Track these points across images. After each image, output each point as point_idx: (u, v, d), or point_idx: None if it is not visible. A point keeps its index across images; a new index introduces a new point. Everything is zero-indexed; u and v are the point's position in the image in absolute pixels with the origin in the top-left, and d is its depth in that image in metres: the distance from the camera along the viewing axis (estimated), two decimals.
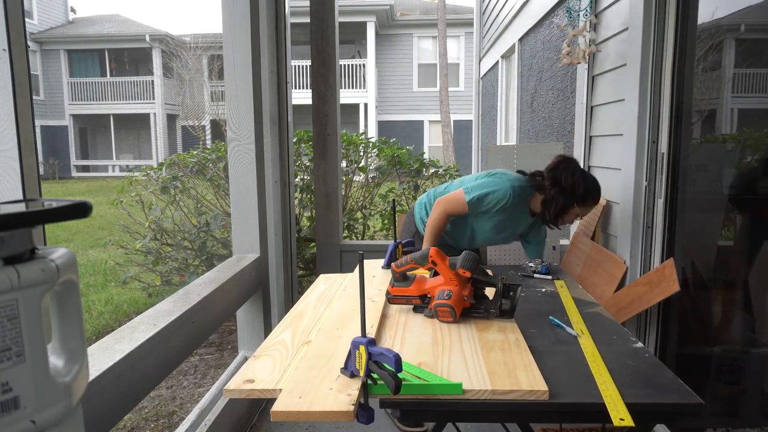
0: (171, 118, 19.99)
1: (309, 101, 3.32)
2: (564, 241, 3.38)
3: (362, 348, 1.08)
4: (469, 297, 1.49)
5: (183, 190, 4.10)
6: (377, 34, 17.38)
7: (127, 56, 20.53)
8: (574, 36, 2.95)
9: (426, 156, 4.62)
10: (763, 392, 1.91)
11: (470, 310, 1.51)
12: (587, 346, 1.37)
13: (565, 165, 2.10)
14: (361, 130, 14.91)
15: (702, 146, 2.28)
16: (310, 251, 3.85)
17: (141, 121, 20.06)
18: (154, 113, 19.37)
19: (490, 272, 1.92)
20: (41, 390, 0.58)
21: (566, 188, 2.06)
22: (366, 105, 16.96)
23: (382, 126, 17.94)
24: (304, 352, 1.29)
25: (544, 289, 1.91)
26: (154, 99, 19.35)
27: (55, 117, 19.73)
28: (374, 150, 4.36)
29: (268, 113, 2.72)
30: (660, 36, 2.23)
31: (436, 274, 1.57)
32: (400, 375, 1.03)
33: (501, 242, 2.32)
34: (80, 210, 0.60)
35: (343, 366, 1.15)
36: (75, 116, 19.94)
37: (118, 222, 4.61)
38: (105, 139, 20.69)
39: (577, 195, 2.07)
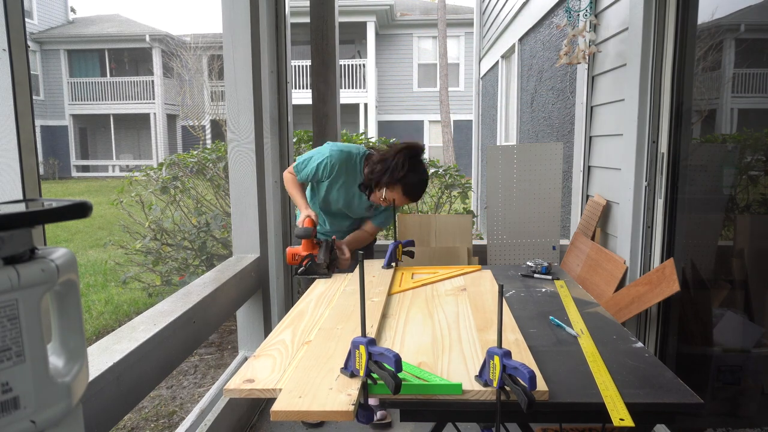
0: (171, 118, 19.98)
1: (309, 101, 3.32)
2: (564, 241, 3.39)
3: (362, 348, 1.08)
4: (317, 254, 2.02)
5: (183, 190, 4.10)
6: (377, 34, 17.37)
7: (127, 56, 20.53)
8: (574, 36, 2.95)
9: (426, 156, 4.61)
10: (763, 392, 1.91)
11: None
12: (587, 346, 1.37)
13: (407, 150, 2.08)
14: (361, 130, 14.91)
15: (702, 146, 2.28)
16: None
17: (141, 121, 20.05)
18: (154, 113, 19.36)
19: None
20: (41, 390, 0.58)
21: (389, 165, 2.05)
22: (366, 105, 16.96)
23: (382, 126, 17.93)
24: (304, 352, 1.29)
25: (544, 289, 1.91)
26: (154, 99, 19.35)
27: (55, 117, 19.73)
28: None
29: (268, 113, 2.72)
30: (660, 36, 2.23)
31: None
32: (399, 375, 1.03)
33: (352, 214, 2.34)
34: (80, 210, 0.60)
35: (343, 366, 1.15)
36: (75, 116, 19.93)
37: (118, 222, 4.61)
38: (105, 139, 20.69)
39: (394, 177, 2.04)
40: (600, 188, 2.87)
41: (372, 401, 1.10)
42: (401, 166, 2.04)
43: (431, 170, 4.53)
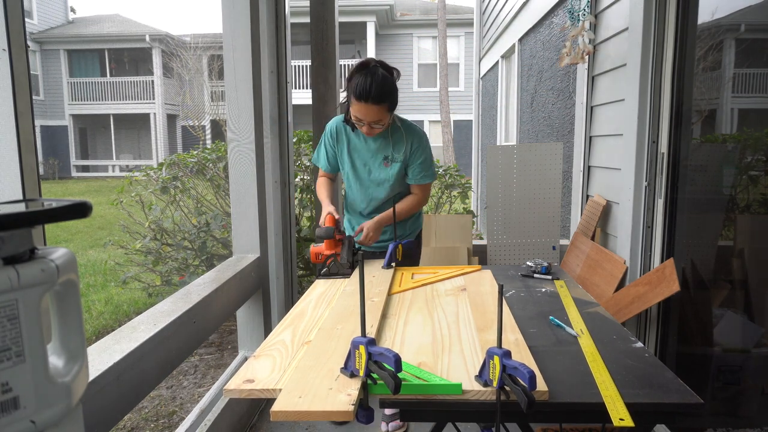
0: (171, 118, 19.99)
1: (309, 101, 3.32)
2: (564, 241, 3.39)
3: (362, 348, 1.08)
4: (340, 252, 2.03)
5: (183, 190, 4.10)
6: (377, 34, 17.38)
7: (127, 56, 20.54)
8: (574, 36, 2.95)
9: None
10: (763, 392, 1.91)
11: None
12: (587, 346, 1.37)
13: (365, 62, 2.03)
14: None
15: (702, 146, 2.28)
16: (310, 251, 3.84)
17: (141, 121, 20.06)
18: (154, 113, 19.36)
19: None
20: (41, 390, 0.58)
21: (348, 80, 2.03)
22: None
23: None
24: (303, 352, 1.29)
25: (544, 289, 1.91)
26: (154, 99, 19.35)
27: (55, 117, 19.73)
28: None
29: (268, 113, 2.72)
30: (660, 36, 2.23)
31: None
32: (399, 375, 1.03)
33: (378, 171, 2.27)
34: (80, 210, 0.60)
35: (343, 366, 1.15)
36: (75, 116, 19.94)
37: (118, 222, 4.61)
38: (105, 139, 20.70)
39: (350, 88, 1.99)
40: (600, 188, 2.87)
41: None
42: (348, 79, 2.02)
43: None
